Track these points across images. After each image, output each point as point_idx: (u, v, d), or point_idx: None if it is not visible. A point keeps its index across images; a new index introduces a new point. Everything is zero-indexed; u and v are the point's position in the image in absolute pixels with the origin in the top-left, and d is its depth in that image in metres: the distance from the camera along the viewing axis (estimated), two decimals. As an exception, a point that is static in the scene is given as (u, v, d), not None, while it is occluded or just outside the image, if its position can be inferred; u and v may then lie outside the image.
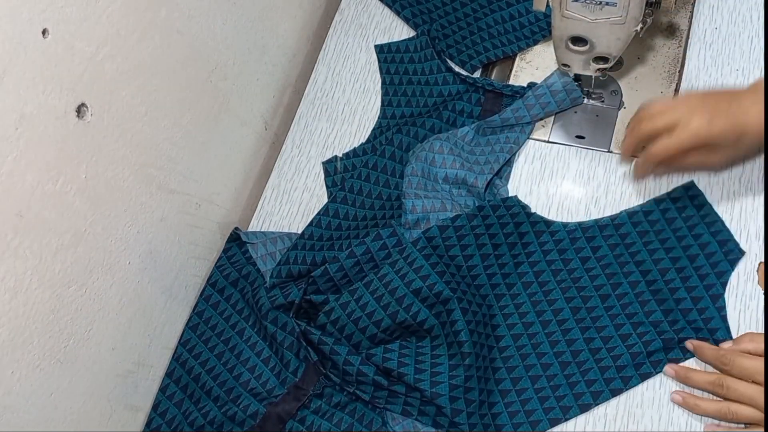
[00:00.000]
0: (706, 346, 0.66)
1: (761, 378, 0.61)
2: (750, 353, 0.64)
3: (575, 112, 0.83)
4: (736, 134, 0.66)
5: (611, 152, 0.80)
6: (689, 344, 0.67)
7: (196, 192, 0.77)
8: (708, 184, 0.75)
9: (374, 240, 0.74)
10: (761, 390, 0.61)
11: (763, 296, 0.69)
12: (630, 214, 0.74)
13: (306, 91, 0.93)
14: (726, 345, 0.66)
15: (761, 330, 0.68)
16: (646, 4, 0.67)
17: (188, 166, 0.75)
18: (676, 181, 0.76)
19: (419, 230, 0.75)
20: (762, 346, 0.64)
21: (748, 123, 0.65)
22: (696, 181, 0.75)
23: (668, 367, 0.67)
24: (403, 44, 0.91)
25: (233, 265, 0.81)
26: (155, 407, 0.75)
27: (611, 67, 0.76)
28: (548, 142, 0.82)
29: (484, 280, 0.74)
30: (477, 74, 0.88)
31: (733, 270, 0.70)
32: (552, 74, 0.81)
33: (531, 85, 0.83)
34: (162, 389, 0.76)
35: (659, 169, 0.75)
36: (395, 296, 0.71)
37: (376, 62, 0.92)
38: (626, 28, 0.68)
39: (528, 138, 0.82)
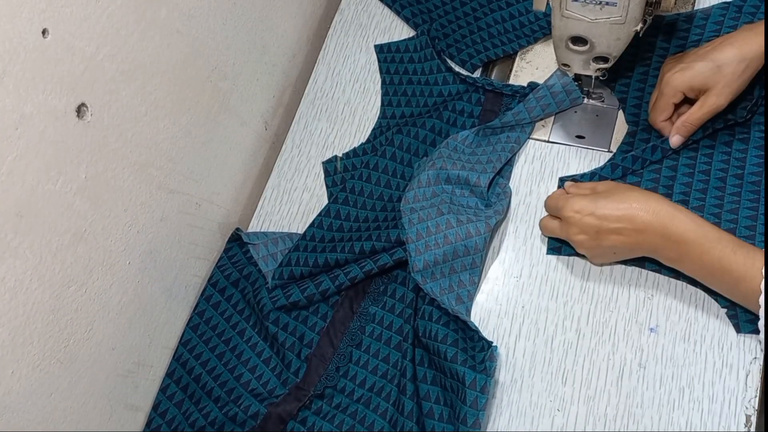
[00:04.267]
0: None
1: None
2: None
3: (575, 111, 0.83)
4: (745, 64, 0.69)
5: (611, 152, 0.80)
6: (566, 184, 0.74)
7: (196, 192, 0.77)
8: (708, 184, 0.76)
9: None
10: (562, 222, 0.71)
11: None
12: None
13: (306, 91, 0.93)
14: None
15: (761, 330, 0.68)
16: (646, 4, 0.67)
17: (188, 166, 0.75)
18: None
19: (431, 251, 0.73)
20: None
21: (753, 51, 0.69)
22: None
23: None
24: (403, 44, 0.91)
25: (234, 265, 0.81)
26: (155, 407, 0.75)
27: (611, 67, 0.76)
28: (548, 142, 0.82)
29: None
30: (477, 74, 0.88)
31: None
32: (552, 75, 0.81)
33: (532, 84, 0.83)
34: (162, 389, 0.76)
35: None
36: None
37: (376, 62, 0.92)
38: (626, 28, 0.68)
39: (528, 138, 0.82)
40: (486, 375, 0.65)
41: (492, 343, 0.66)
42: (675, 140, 0.75)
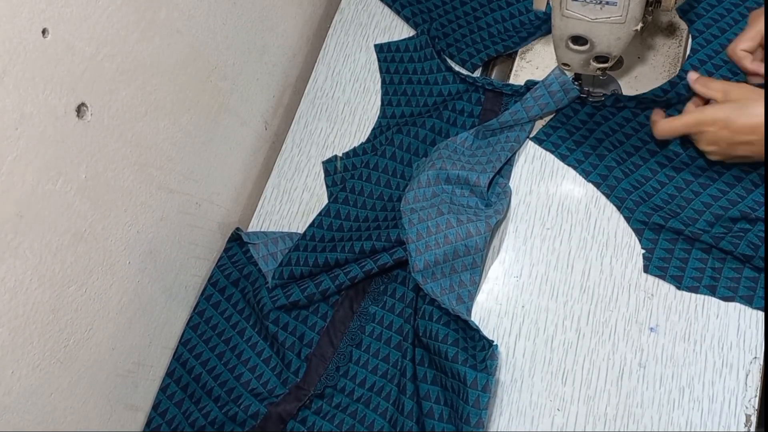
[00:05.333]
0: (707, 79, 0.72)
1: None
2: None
3: (575, 111, 0.83)
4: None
5: (611, 152, 0.80)
6: (692, 74, 0.72)
7: (196, 192, 0.77)
8: (708, 184, 0.75)
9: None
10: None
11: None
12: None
13: (306, 91, 0.93)
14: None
15: (761, 331, 0.68)
16: (647, 4, 0.67)
17: (188, 166, 0.75)
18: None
19: (431, 251, 0.73)
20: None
21: None
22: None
23: (690, 73, 0.73)
24: (403, 44, 0.91)
25: (234, 264, 0.81)
26: (155, 407, 0.75)
27: (611, 67, 0.76)
28: (548, 141, 0.82)
29: None
30: (477, 74, 0.88)
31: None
32: (549, 74, 0.81)
33: (529, 83, 0.83)
34: (162, 389, 0.76)
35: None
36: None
37: (376, 62, 0.92)
38: (626, 28, 0.68)
39: (528, 137, 0.82)
40: (487, 374, 0.65)
41: (493, 342, 0.66)
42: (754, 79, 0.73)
